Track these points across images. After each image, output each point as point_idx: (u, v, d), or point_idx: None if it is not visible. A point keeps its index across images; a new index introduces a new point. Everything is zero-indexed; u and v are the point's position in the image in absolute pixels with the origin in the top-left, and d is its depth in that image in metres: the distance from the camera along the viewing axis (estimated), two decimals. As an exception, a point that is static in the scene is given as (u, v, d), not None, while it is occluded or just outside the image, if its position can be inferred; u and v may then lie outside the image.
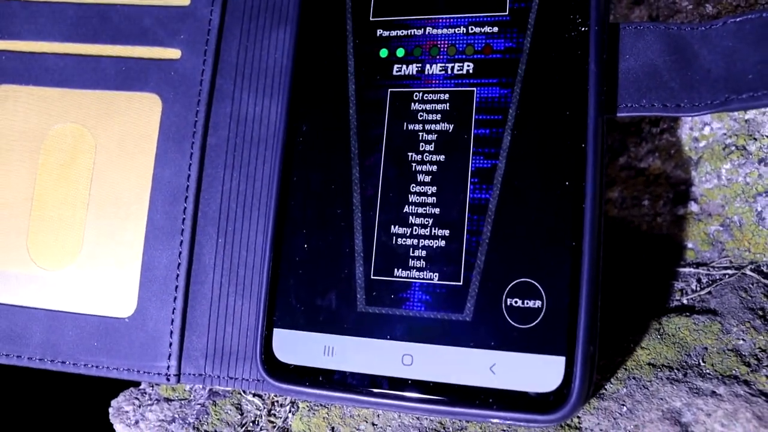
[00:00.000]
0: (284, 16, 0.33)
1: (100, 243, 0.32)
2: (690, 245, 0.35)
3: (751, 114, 0.33)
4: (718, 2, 0.33)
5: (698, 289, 0.33)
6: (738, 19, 0.28)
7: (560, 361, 0.26)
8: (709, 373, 0.29)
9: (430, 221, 0.28)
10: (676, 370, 0.29)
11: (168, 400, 0.32)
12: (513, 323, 0.27)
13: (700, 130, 0.34)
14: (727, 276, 0.33)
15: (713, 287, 0.33)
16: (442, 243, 0.28)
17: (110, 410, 0.32)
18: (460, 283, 0.28)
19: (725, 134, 0.34)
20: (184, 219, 0.32)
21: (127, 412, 0.32)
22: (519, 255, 0.27)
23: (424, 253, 0.28)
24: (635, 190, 0.36)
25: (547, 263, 0.27)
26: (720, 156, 0.34)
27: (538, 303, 0.27)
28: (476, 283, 0.27)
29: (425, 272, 0.28)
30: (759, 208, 0.34)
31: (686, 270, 0.34)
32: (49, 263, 0.32)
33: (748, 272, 0.33)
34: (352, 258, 0.29)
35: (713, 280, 0.33)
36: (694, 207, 0.35)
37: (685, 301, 0.33)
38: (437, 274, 0.28)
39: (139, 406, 0.32)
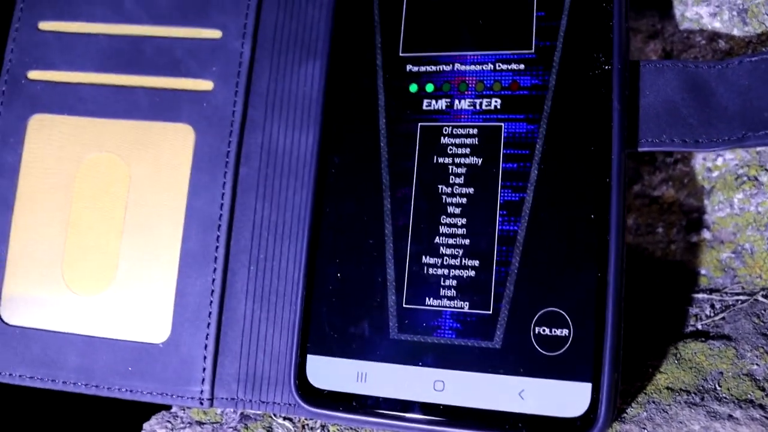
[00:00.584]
0: (313, 50, 0.34)
1: (135, 270, 0.33)
2: (703, 272, 0.36)
3: (762, 146, 0.35)
4: (730, 38, 0.34)
5: (712, 314, 0.34)
6: (754, 59, 0.29)
7: (587, 387, 0.27)
8: (725, 398, 0.30)
9: (461, 252, 0.29)
10: (693, 394, 0.30)
11: (200, 423, 0.33)
12: (541, 351, 0.28)
13: (713, 161, 0.36)
14: (739, 302, 0.34)
15: (727, 313, 0.34)
16: (472, 273, 0.29)
17: (143, 433, 0.33)
18: (490, 312, 0.29)
19: (737, 165, 0.35)
20: (217, 247, 0.33)
21: (160, 435, 0.33)
22: (546, 285, 0.28)
23: (454, 282, 0.29)
24: (649, 217, 0.37)
25: (574, 293, 0.28)
26: (732, 186, 0.35)
27: (565, 331, 0.28)
28: (505, 312, 0.28)
29: (456, 301, 0.29)
30: (770, 237, 0.35)
31: (700, 296, 0.35)
32: (83, 289, 0.33)
33: (760, 298, 0.34)
34: (385, 287, 0.30)
35: (726, 306, 0.34)
36: (706, 234, 0.36)
37: (699, 327, 0.34)
38: (467, 303, 0.29)
39: (172, 429, 0.33)
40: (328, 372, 0.30)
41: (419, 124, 0.31)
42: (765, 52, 0.29)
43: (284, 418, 0.33)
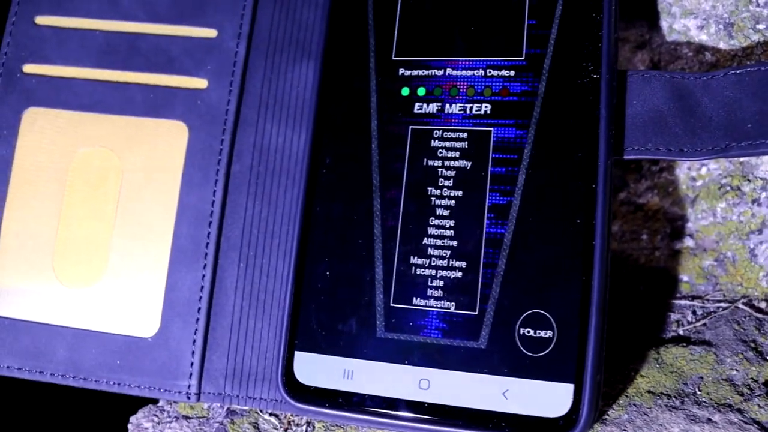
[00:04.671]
0: (308, 51, 0.34)
1: (125, 263, 0.33)
2: (686, 278, 0.37)
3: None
4: (716, 51, 0.35)
5: (694, 320, 0.35)
6: (738, 71, 0.30)
7: (569, 388, 0.28)
8: (704, 402, 0.31)
9: (448, 253, 0.30)
10: (674, 398, 0.31)
11: (186, 417, 0.33)
12: (525, 351, 0.28)
13: (697, 170, 0.36)
14: (720, 309, 0.35)
15: (708, 319, 0.35)
16: (459, 274, 0.30)
17: (129, 427, 0.33)
18: (476, 313, 0.29)
19: (721, 175, 0.36)
20: (207, 243, 0.33)
21: (146, 428, 0.33)
22: (532, 287, 0.29)
23: (441, 283, 0.30)
24: (634, 224, 0.38)
25: (559, 295, 0.29)
26: (716, 195, 0.36)
27: (549, 333, 0.28)
28: (491, 313, 0.29)
29: (442, 301, 0.30)
30: (751, 245, 0.36)
31: (682, 302, 0.36)
32: (74, 282, 0.33)
33: (741, 306, 0.35)
34: (373, 286, 0.30)
35: (708, 313, 0.35)
36: (690, 242, 0.37)
37: (681, 332, 0.34)
38: (454, 304, 0.29)
39: (158, 423, 0.33)
40: (315, 369, 0.30)
41: (410, 126, 0.31)
42: (749, 65, 0.30)
43: (270, 414, 0.33)
